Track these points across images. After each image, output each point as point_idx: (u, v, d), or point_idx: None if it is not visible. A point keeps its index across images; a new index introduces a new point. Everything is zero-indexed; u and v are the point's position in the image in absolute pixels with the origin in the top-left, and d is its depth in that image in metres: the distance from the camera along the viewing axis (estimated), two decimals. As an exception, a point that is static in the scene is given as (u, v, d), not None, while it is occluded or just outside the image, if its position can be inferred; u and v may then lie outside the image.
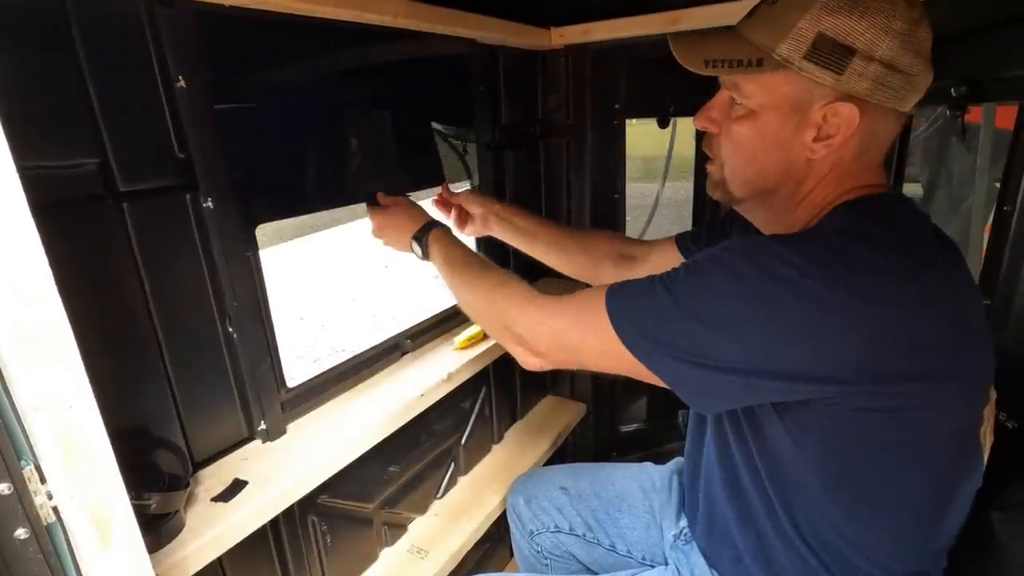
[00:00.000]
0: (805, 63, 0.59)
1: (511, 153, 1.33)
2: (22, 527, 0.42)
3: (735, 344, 0.56)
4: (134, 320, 0.69)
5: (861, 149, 0.63)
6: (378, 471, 1.07)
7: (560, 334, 0.69)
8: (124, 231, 0.66)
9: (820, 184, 0.65)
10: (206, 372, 0.78)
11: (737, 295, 0.56)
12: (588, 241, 1.12)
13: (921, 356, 0.55)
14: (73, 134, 0.61)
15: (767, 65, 0.61)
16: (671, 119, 1.62)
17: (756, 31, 0.62)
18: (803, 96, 0.61)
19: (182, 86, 0.68)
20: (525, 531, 1.08)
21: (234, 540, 0.70)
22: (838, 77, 0.58)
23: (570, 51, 1.34)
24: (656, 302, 0.60)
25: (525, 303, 0.73)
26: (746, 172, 0.68)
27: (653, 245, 1.09)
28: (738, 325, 0.56)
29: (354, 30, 0.87)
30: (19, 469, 0.41)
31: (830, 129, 0.61)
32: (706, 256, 0.61)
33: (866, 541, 0.65)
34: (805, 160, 0.64)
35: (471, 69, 1.14)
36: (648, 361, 0.61)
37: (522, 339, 0.72)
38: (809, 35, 0.58)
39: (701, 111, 0.71)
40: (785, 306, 0.54)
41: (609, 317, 0.62)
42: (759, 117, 0.64)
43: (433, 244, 0.92)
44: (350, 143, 0.95)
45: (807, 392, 0.57)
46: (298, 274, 4.67)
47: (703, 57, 0.65)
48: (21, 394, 0.40)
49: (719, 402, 0.64)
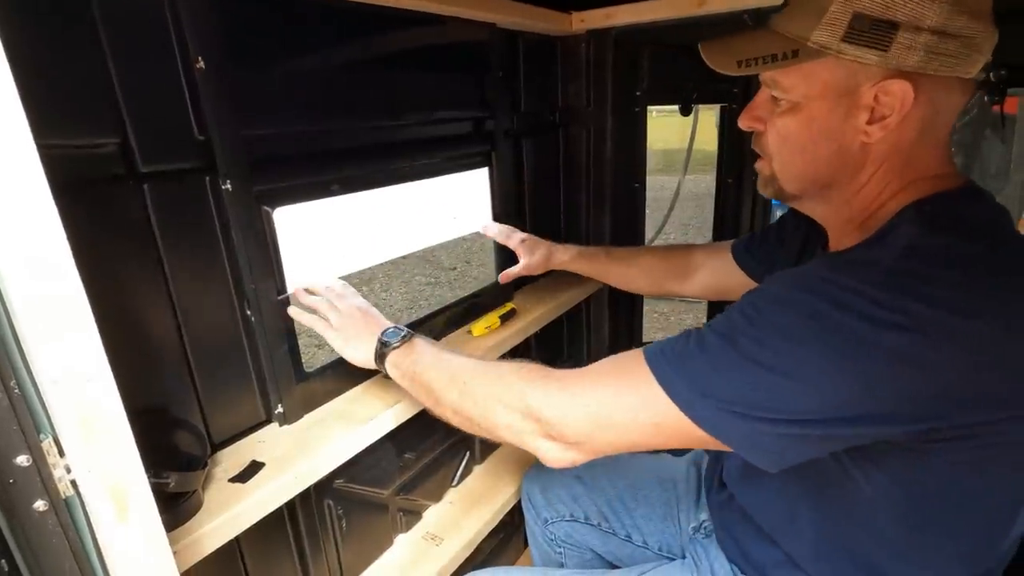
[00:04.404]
0: (845, 46, 0.55)
1: (530, 140, 1.31)
2: (41, 499, 0.42)
3: (814, 391, 0.50)
4: (154, 300, 0.69)
5: (923, 126, 0.58)
6: (394, 458, 1.07)
7: (601, 413, 0.59)
8: (144, 211, 0.67)
9: (880, 170, 0.60)
10: (225, 354, 0.78)
11: (810, 337, 0.50)
12: (641, 259, 1.20)
13: (1019, 382, 0.50)
14: (94, 114, 0.61)
15: (804, 55, 0.57)
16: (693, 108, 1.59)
17: (788, 22, 0.59)
18: (848, 80, 0.57)
19: (201, 67, 0.68)
20: (539, 519, 1.08)
21: (251, 521, 0.71)
22: (883, 54, 0.54)
23: (591, 36, 1.32)
24: (714, 356, 0.54)
25: (547, 383, 0.63)
26: (797, 165, 0.64)
27: (709, 251, 1.11)
28: (816, 370, 0.50)
29: (375, 12, 0.87)
30: (38, 441, 0.42)
31: (884, 110, 0.56)
32: (763, 296, 0.56)
33: (924, 559, 0.61)
34: (860, 145, 0.59)
35: (490, 54, 1.13)
36: (713, 426, 0.54)
37: (552, 428, 0.61)
38: (844, 16, 0.54)
39: (745, 112, 0.67)
40: (867, 345, 0.49)
41: (659, 381, 0.55)
42: (804, 108, 0.60)
43: (415, 342, 0.79)
44: (372, 125, 0.94)
45: (892, 434, 0.52)
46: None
47: (735, 58, 0.62)
48: (40, 367, 0.41)
49: (793, 457, 0.56)
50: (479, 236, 1.21)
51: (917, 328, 0.48)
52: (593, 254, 1.22)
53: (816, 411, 0.51)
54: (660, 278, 1.17)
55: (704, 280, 1.12)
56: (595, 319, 1.57)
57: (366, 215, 0.96)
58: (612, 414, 0.58)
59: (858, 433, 0.52)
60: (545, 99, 1.37)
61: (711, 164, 1.66)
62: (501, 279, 1.20)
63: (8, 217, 0.38)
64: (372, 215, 0.97)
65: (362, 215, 0.95)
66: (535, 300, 1.30)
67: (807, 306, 0.51)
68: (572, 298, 1.37)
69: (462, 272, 4.80)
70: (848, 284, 0.51)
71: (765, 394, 0.51)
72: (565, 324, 1.58)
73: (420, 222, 1.08)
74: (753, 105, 0.67)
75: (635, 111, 1.44)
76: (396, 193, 1.00)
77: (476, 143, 1.16)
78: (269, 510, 0.73)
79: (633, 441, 0.59)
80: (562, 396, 0.61)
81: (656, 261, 1.19)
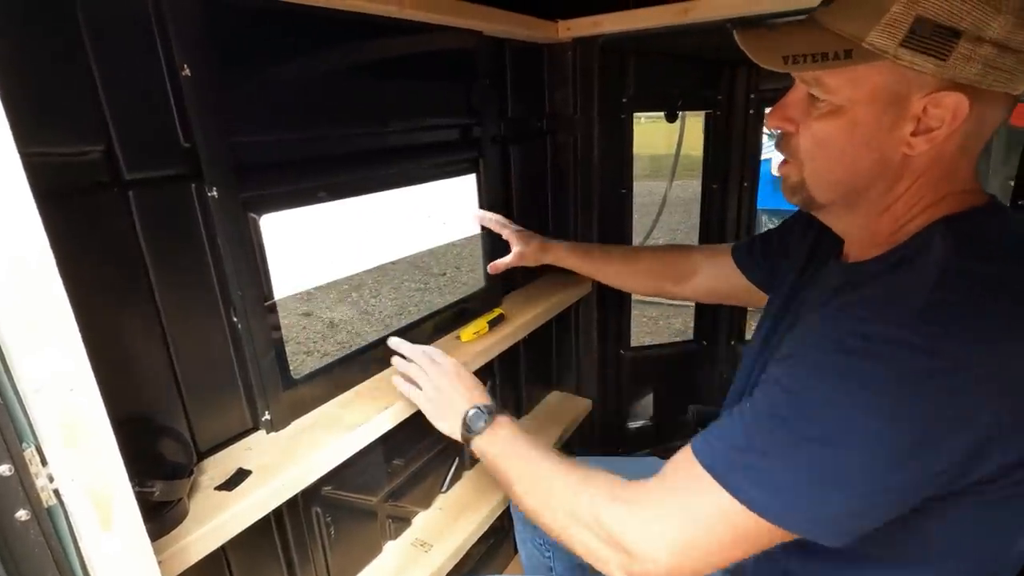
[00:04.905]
0: (903, 51, 0.51)
1: (517, 147, 1.32)
2: (23, 509, 0.42)
3: (879, 458, 0.48)
4: (138, 308, 0.69)
5: (966, 141, 0.55)
6: (382, 464, 1.07)
7: (679, 540, 0.55)
8: (129, 219, 0.66)
9: (916, 184, 0.57)
10: (211, 362, 0.78)
11: (861, 401, 0.48)
12: (638, 259, 1.19)
13: None
14: (78, 121, 0.61)
15: (857, 56, 0.53)
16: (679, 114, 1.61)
17: (840, 18, 0.54)
18: (900, 87, 0.53)
19: (187, 75, 0.68)
20: (528, 523, 1.07)
21: (237, 529, 0.70)
22: (941, 64, 0.50)
23: (577, 44, 1.33)
24: (771, 446, 0.51)
25: (622, 505, 0.60)
26: (834, 172, 0.60)
27: (707, 254, 1.10)
28: (875, 436, 0.47)
29: (361, 20, 0.87)
30: (20, 451, 0.41)
31: (932, 122, 0.53)
32: (801, 364, 0.53)
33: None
34: (902, 156, 0.56)
35: (477, 62, 1.14)
36: (793, 522, 0.51)
37: (634, 563, 0.57)
38: (906, 19, 0.50)
39: (775, 110, 0.62)
40: (921, 397, 0.46)
41: (727, 490, 0.52)
42: (848, 112, 0.56)
43: (497, 429, 0.77)
44: (359, 132, 0.94)
45: (952, 485, 0.50)
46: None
47: (780, 53, 0.57)
48: (22, 376, 0.40)
49: (866, 528, 0.52)
50: (468, 242, 1.22)
51: (963, 368, 0.46)
52: (587, 251, 1.20)
53: (885, 477, 0.48)
54: (657, 279, 1.15)
55: (702, 283, 1.10)
56: (584, 323, 1.58)
57: (354, 221, 0.96)
58: (692, 539, 0.55)
59: (930, 489, 0.50)
60: (532, 106, 1.38)
61: (699, 169, 1.68)
62: (490, 269, 1.19)
63: (-9, 225, 0.38)
64: (360, 221, 0.97)
65: (350, 221, 0.95)
66: (524, 305, 1.30)
67: (848, 368, 0.49)
68: (560, 303, 1.38)
69: (452, 278, 4.80)
70: (885, 334, 0.48)
71: (832, 473, 0.49)
72: (554, 329, 1.58)
73: (409, 228, 1.08)
74: (785, 103, 0.62)
75: (621, 118, 1.45)
76: (384, 199, 1.01)
77: (464, 149, 1.16)
78: (256, 518, 0.72)
79: (715, 563, 0.55)
80: (635, 523, 0.58)
81: (653, 262, 1.17)
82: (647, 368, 1.74)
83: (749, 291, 1.01)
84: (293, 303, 4.10)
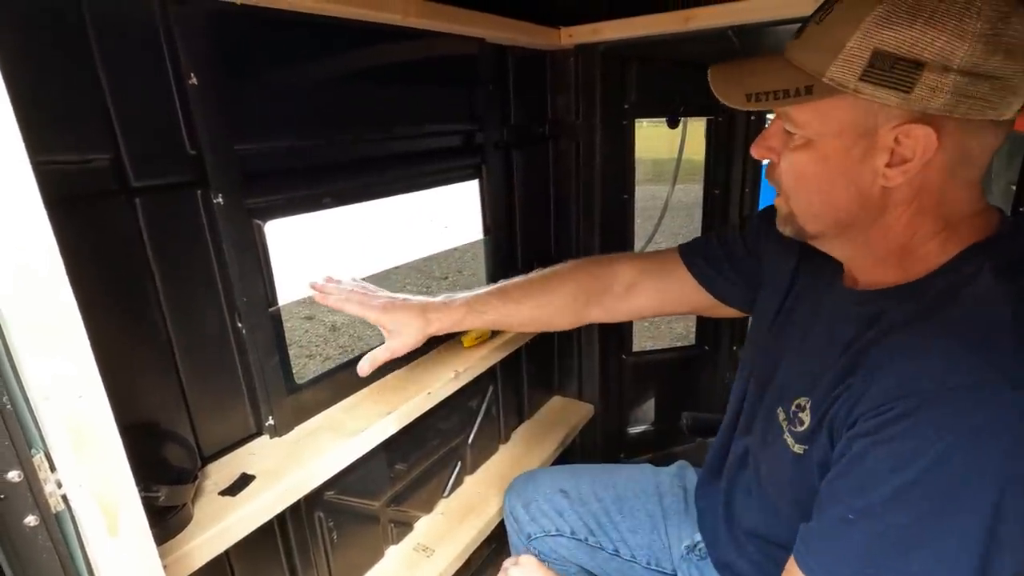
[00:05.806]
0: (863, 84, 0.50)
1: (520, 153, 1.33)
2: (32, 514, 0.42)
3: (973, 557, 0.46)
4: (144, 314, 0.70)
5: (951, 170, 0.53)
6: (385, 469, 1.07)
7: None
8: (136, 226, 0.67)
9: (907, 212, 0.56)
10: (215, 367, 0.79)
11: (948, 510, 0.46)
12: (549, 291, 0.95)
13: None
14: (87, 130, 0.62)
15: (818, 92, 0.53)
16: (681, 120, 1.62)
17: (804, 53, 0.55)
18: (866, 120, 0.53)
19: (194, 83, 0.68)
20: (523, 534, 1.05)
21: (241, 534, 0.71)
22: (905, 96, 0.49)
23: (579, 51, 1.34)
24: (878, 546, 0.49)
25: None
26: (814, 205, 0.60)
27: (642, 264, 0.96)
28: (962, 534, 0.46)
29: (366, 28, 0.88)
30: (29, 457, 0.42)
31: (905, 152, 0.52)
32: (878, 466, 0.49)
33: None
34: (880, 189, 0.55)
35: (479, 69, 1.14)
36: None
37: None
38: (864, 53, 0.50)
39: (758, 140, 0.63)
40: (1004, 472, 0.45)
41: None
42: (818, 145, 0.56)
43: None
44: (364, 139, 0.95)
45: None
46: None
47: (744, 91, 0.57)
48: (32, 383, 0.41)
49: None
50: (470, 247, 1.22)
51: None
52: (485, 303, 0.92)
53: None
54: (582, 306, 0.95)
55: (642, 303, 0.95)
56: (585, 328, 1.59)
57: (358, 227, 0.96)
58: None
59: None
60: (534, 112, 1.39)
61: (700, 174, 1.69)
62: (360, 372, 0.86)
63: (1, 232, 0.39)
64: (364, 227, 0.97)
65: (354, 227, 0.95)
66: (525, 310, 1.30)
67: (943, 461, 0.46)
68: (562, 308, 1.38)
69: (453, 282, 4.80)
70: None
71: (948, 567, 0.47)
72: (556, 335, 1.59)
73: (412, 233, 1.08)
74: (766, 135, 0.62)
75: (623, 124, 1.46)
76: (388, 205, 1.01)
77: (466, 155, 1.17)
78: (259, 523, 0.73)
79: None
80: None
81: (573, 285, 0.95)
82: (649, 373, 1.74)
83: (712, 304, 0.91)
84: (295, 307, 4.11)
